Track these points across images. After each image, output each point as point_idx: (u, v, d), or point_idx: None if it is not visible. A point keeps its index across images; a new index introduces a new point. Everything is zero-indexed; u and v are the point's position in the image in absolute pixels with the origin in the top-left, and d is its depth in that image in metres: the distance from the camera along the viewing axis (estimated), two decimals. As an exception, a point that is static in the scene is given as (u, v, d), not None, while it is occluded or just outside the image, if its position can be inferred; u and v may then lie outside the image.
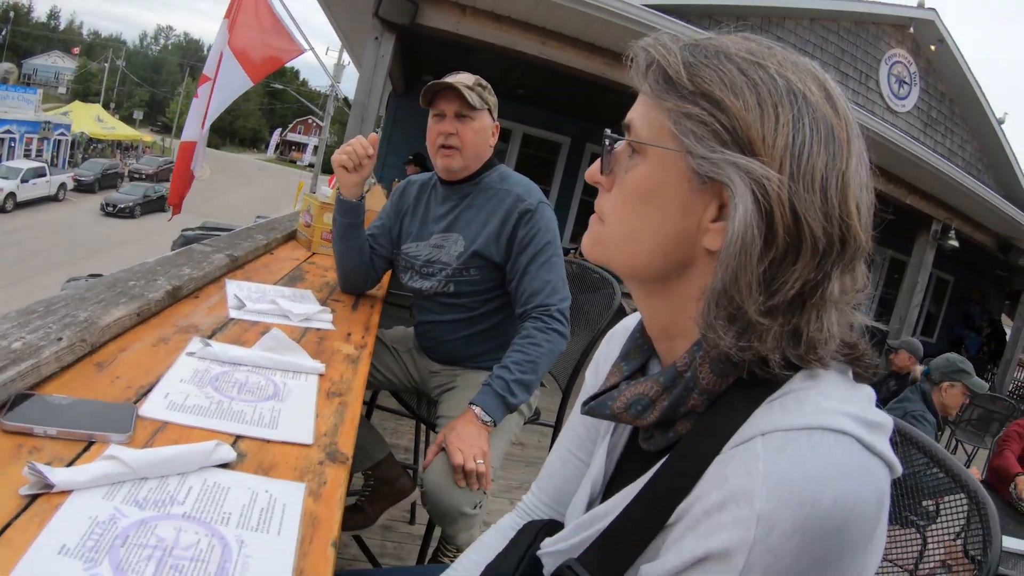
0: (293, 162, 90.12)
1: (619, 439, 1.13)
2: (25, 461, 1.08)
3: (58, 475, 1.04)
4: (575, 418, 1.28)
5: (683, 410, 0.92)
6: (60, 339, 1.49)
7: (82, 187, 39.18)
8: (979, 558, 1.29)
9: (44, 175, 34.93)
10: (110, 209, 35.29)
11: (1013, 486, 4.81)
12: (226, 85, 6.67)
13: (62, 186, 36.55)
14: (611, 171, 1.00)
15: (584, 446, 1.27)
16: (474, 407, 2.30)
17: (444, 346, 2.80)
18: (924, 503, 1.44)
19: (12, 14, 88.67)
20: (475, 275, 2.65)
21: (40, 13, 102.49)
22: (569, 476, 1.28)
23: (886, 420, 0.83)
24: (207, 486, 1.15)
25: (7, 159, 36.07)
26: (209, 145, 6.65)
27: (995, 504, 3.84)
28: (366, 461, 2.82)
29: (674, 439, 0.93)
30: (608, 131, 0.98)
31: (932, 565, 1.49)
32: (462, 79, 2.63)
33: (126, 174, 45.47)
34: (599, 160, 1.01)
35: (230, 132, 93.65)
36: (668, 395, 0.92)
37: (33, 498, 1.01)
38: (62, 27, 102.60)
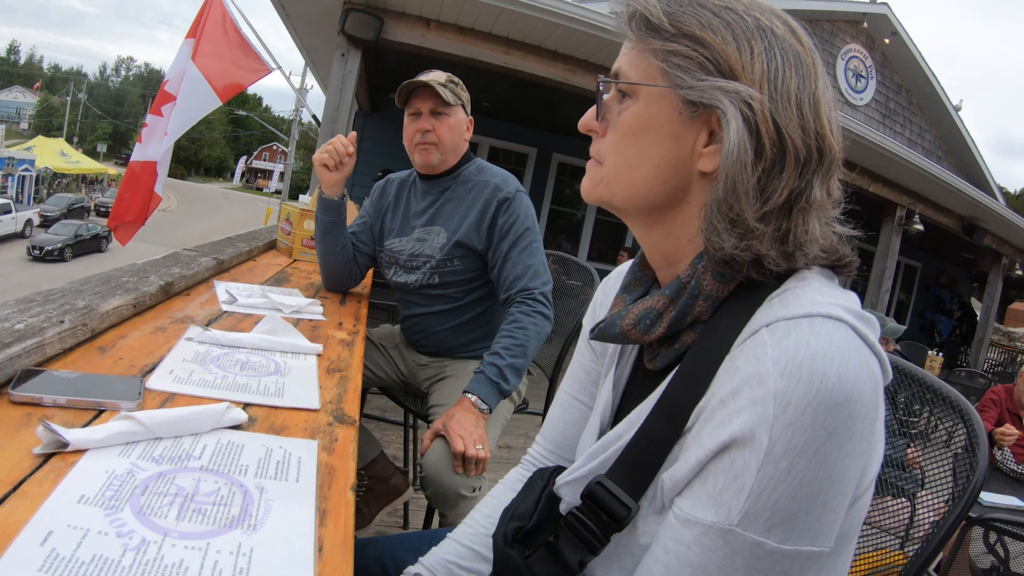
0: (259, 189, 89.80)
1: (623, 370, 1.18)
2: (35, 428, 1.10)
3: (73, 434, 1.06)
4: (575, 365, 1.35)
5: (689, 319, 0.98)
6: (62, 322, 1.52)
7: (48, 223, 38.70)
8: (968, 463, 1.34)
9: (9, 212, 34.49)
10: (37, 253, 30.00)
11: (997, 448, 4.89)
12: (191, 104, 6.63)
13: (28, 222, 36.11)
14: (604, 117, 1.05)
15: (586, 389, 1.32)
16: (470, 395, 2.32)
17: (432, 338, 2.82)
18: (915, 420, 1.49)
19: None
20: (458, 265, 2.68)
21: None
22: (571, 421, 1.34)
23: (873, 318, 0.89)
24: (221, 444, 1.18)
25: (-30, 197, 35.71)
26: (174, 175, 6.57)
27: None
28: (359, 460, 2.83)
29: (681, 350, 0.99)
30: (601, 76, 1.04)
31: (923, 533, 1.52)
32: (435, 77, 2.68)
33: (92, 208, 45.07)
34: (592, 109, 1.06)
35: (195, 162, 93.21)
36: (674, 306, 0.98)
37: (47, 457, 1.03)
38: (22, 62, 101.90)
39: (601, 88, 1.05)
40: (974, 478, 1.31)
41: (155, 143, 6.56)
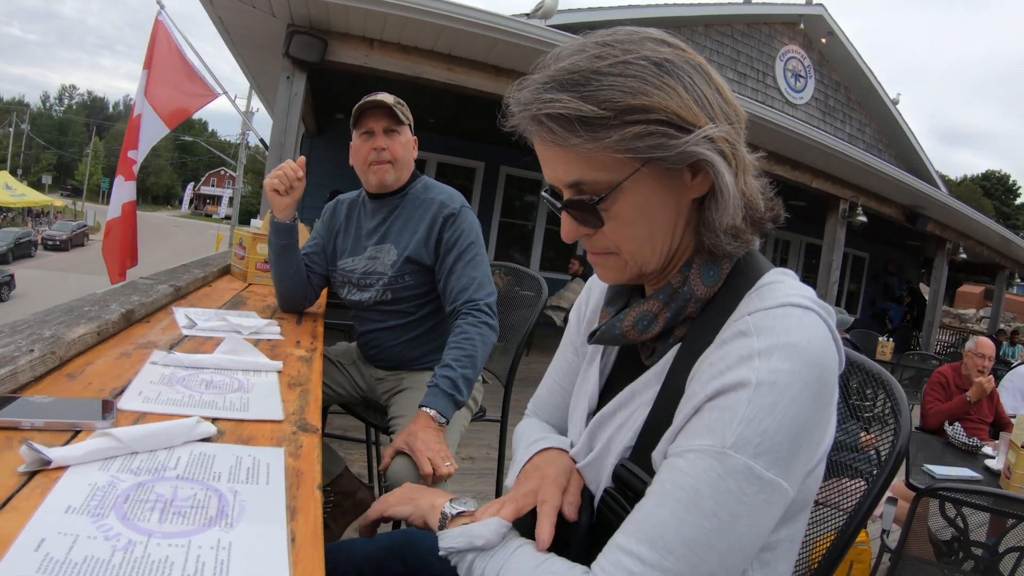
0: (209, 215, 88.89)
1: (607, 361, 1.37)
2: (16, 450, 1.16)
3: (54, 452, 1.13)
4: (560, 357, 1.56)
5: (681, 318, 1.16)
6: (32, 351, 1.59)
7: (-4, 259, 38.08)
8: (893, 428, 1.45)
9: (-46, 249, 33.96)
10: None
11: (953, 426, 5.06)
12: (145, 135, 6.67)
13: (-28, 259, 35.52)
14: (587, 221, 1.13)
15: (568, 377, 1.52)
16: (428, 410, 2.37)
17: (388, 352, 2.90)
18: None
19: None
20: (410, 281, 2.77)
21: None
22: (557, 404, 1.55)
23: (831, 309, 1.07)
24: (194, 455, 1.26)
25: (-87, 237, 35.01)
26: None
27: (936, 446, 4.04)
28: (324, 477, 2.88)
29: (674, 343, 1.17)
30: (568, 199, 1.12)
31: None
32: (385, 98, 2.75)
33: (40, 241, 44.38)
34: (568, 222, 1.16)
35: (142, 190, 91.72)
36: (668, 308, 1.16)
37: (32, 475, 1.10)
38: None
39: (565, 198, 1.13)
40: (898, 443, 1.41)
41: (132, 183, 6.63)
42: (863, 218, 12.17)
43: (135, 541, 0.94)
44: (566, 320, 7.83)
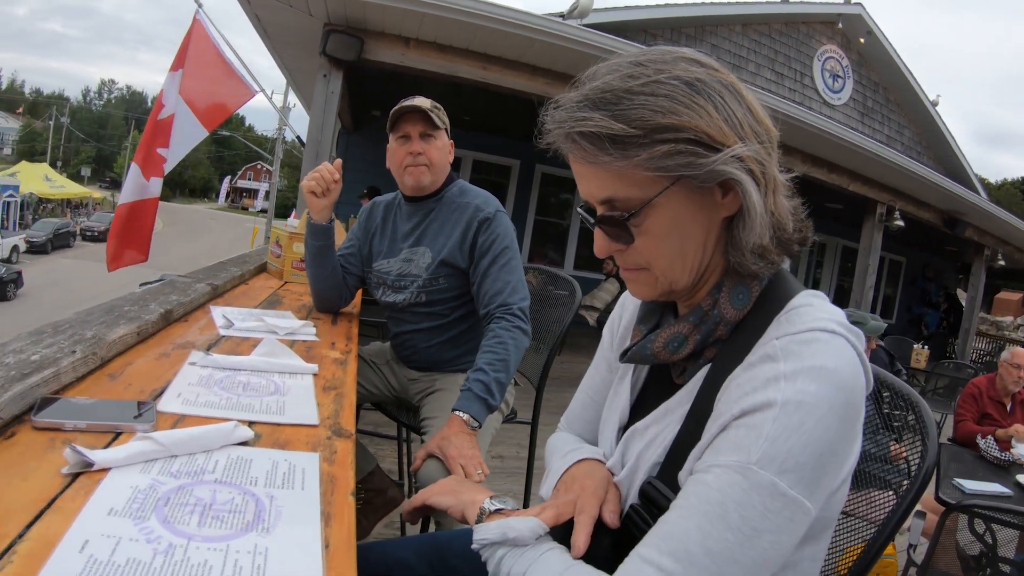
0: (245, 209, 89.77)
1: (638, 378, 1.40)
2: (59, 451, 1.20)
3: (97, 455, 1.17)
4: (594, 372, 1.60)
5: (711, 340, 1.18)
6: (74, 352, 1.63)
7: (35, 248, 38.65)
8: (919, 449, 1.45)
9: (-5, 238, 34.52)
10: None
11: (986, 439, 4.99)
12: (181, 137, 6.71)
13: (14, 248, 35.98)
14: (619, 237, 1.16)
15: (601, 392, 1.54)
16: (460, 414, 2.38)
17: (421, 353, 2.93)
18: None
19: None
20: (444, 284, 2.79)
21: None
22: (589, 418, 1.57)
23: (860, 332, 1.09)
24: (232, 459, 1.29)
25: (-44, 225, 35.60)
26: (159, 198, 6.55)
27: (968, 459, 4.00)
28: (356, 474, 2.93)
29: (704, 364, 1.19)
30: (601, 214, 1.15)
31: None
32: (421, 102, 2.78)
33: (78, 232, 44.99)
34: (601, 237, 1.19)
35: (179, 183, 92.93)
36: (699, 331, 1.18)
37: (75, 476, 1.13)
38: (3, 86, 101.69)
39: (597, 214, 1.16)
40: (924, 464, 1.40)
41: (158, 180, 6.63)
42: (900, 222, 12.05)
43: (175, 544, 0.97)
44: (598, 321, 7.86)
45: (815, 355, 1.00)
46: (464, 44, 7.75)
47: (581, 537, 1.18)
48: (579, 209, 1.23)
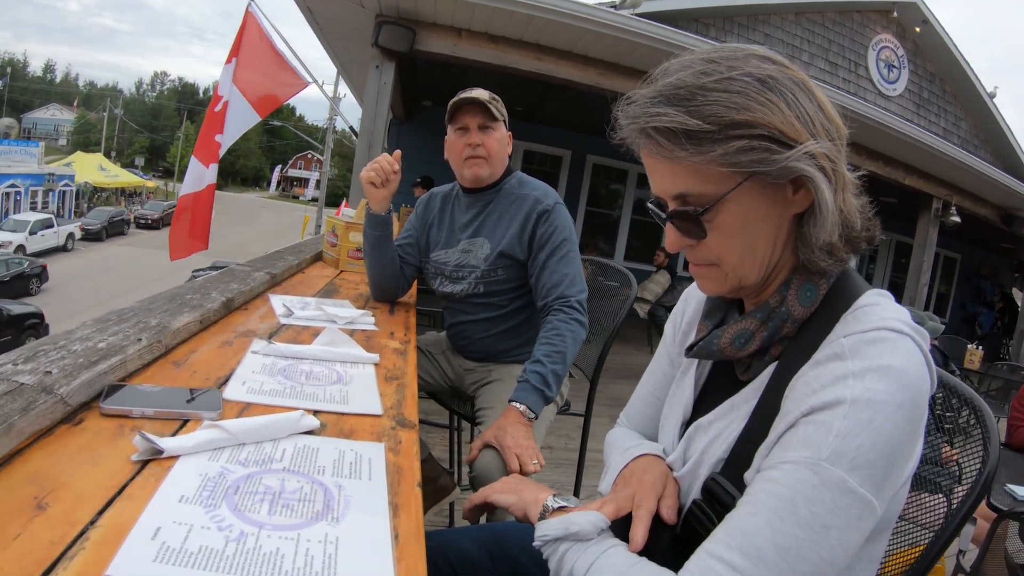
0: (296, 197, 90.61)
1: (702, 373, 1.39)
2: (128, 438, 1.22)
3: (166, 442, 1.18)
4: (656, 368, 1.58)
5: (778, 337, 1.18)
6: (140, 339, 1.66)
7: (90, 236, 39.49)
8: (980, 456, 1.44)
9: (52, 226, 35.37)
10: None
11: None
12: (234, 123, 6.81)
13: (70, 236, 36.84)
14: (691, 232, 1.16)
15: (661, 388, 1.54)
16: (517, 405, 2.38)
17: (478, 344, 2.93)
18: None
19: (9, 69, 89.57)
20: (502, 275, 2.79)
21: (36, 67, 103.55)
22: (650, 414, 1.57)
23: (926, 332, 1.08)
24: (299, 448, 1.30)
25: (14, 212, 36.61)
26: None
27: (1021, 464, 3.91)
28: None
29: (770, 361, 1.19)
30: (673, 210, 1.16)
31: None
32: (480, 94, 2.78)
33: (132, 220, 45.81)
34: (672, 232, 1.19)
35: (232, 172, 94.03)
36: (766, 327, 1.18)
37: (144, 463, 1.14)
38: (58, 80, 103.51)
39: (669, 209, 1.17)
40: (985, 470, 1.39)
41: (213, 165, 6.73)
42: (956, 218, 11.82)
43: (247, 532, 0.98)
44: (649, 313, 7.80)
45: (882, 354, 1.01)
46: (516, 35, 7.73)
47: (639, 531, 1.19)
48: (649, 204, 1.24)
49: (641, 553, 1.15)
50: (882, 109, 10.66)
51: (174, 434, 1.27)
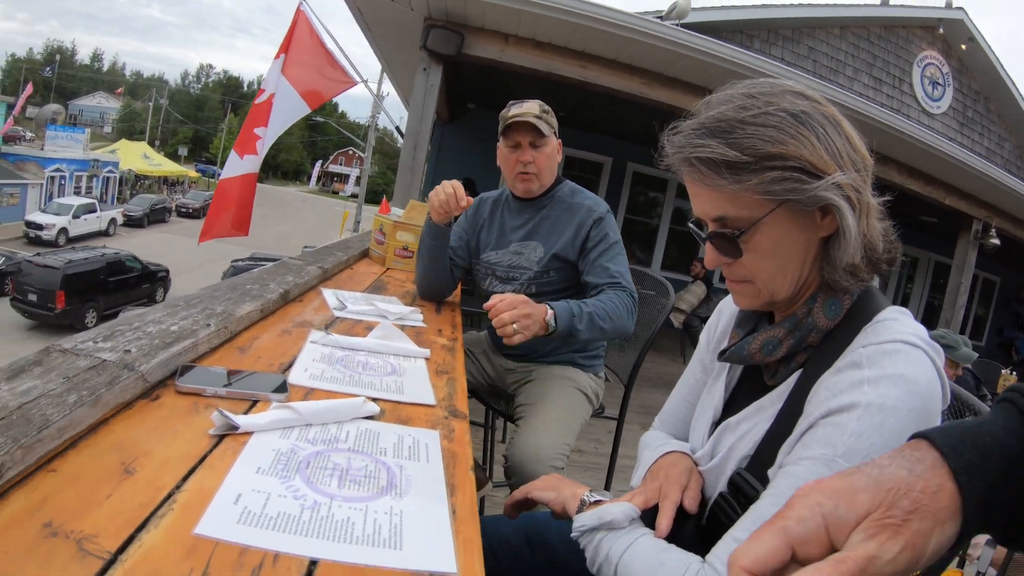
0: (335, 193, 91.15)
1: (732, 378, 1.50)
2: (202, 414, 1.33)
3: (241, 419, 1.29)
4: (689, 375, 1.68)
5: (803, 345, 1.28)
6: (208, 324, 1.77)
7: (132, 222, 40.06)
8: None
9: (95, 211, 35.99)
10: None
11: None
12: (282, 113, 6.94)
13: (112, 221, 37.38)
14: (728, 252, 1.27)
15: (695, 393, 1.63)
16: (549, 307, 2.48)
17: (523, 344, 3.01)
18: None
19: (58, 57, 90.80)
20: (554, 276, 2.90)
21: (84, 56, 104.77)
22: (683, 416, 1.65)
23: (939, 348, 1.17)
24: (361, 431, 1.40)
25: (58, 196, 37.39)
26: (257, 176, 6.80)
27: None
28: None
29: (795, 368, 1.29)
30: (712, 231, 1.27)
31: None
32: (530, 109, 2.90)
33: (174, 208, 46.36)
34: (711, 251, 1.30)
35: (273, 165, 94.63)
36: (792, 336, 1.28)
37: (220, 438, 1.25)
38: (105, 69, 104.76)
39: (709, 230, 1.28)
40: None
41: (254, 157, 6.85)
42: (996, 240, 11.65)
43: (320, 502, 1.08)
44: (684, 324, 7.83)
45: (896, 364, 1.10)
46: (563, 42, 7.80)
47: (664, 520, 1.29)
48: (691, 224, 1.35)
49: (667, 540, 1.26)
50: (925, 127, 10.61)
51: (245, 412, 1.38)
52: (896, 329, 1.17)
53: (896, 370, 1.09)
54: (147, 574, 0.83)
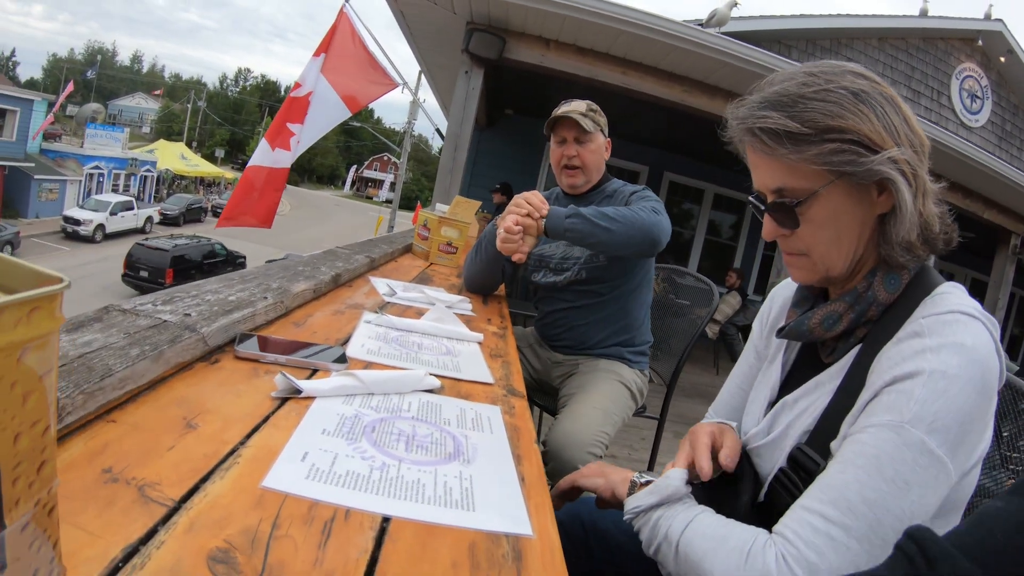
0: (370, 198, 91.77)
1: (789, 358, 1.50)
2: (264, 379, 1.34)
3: (305, 384, 1.30)
4: (743, 363, 1.68)
5: (863, 319, 1.28)
6: (266, 297, 1.79)
7: (168, 220, 40.52)
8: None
9: (131, 208, 36.39)
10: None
11: None
12: (321, 115, 6.97)
13: (148, 219, 37.83)
14: (785, 223, 1.29)
15: (748, 380, 1.64)
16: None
17: (572, 332, 3.04)
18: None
19: (99, 58, 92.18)
20: (604, 260, 2.91)
21: (124, 57, 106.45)
22: (736, 405, 1.65)
23: (996, 321, 1.17)
24: (423, 402, 1.41)
25: (96, 193, 38.02)
26: (289, 181, 6.80)
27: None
28: None
29: (855, 343, 1.29)
30: (772, 202, 1.29)
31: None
32: (576, 107, 2.96)
33: (209, 209, 46.82)
34: (769, 222, 1.32)
35: (308, 169, 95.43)
36: (853, 310, 1.29)
37: (283, 401, 1.26)
38: (144, 70, 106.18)
39: (767, 201, 1.30)
40: None
41: (287, 153, 6.85)
42: (1035, 257, 11.53)
43: (388, 464, 1.08)
44: (717, 333, 7.81)
45: (956, 333, 1.11)
46: (604, 48, 7.78)
47: (702, 460, 1.32)
48: (751, 198, 1.36)
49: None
50: (965, 140, 10.48)
51: (307, 379, 1.38)
52: (954, 301, 1.18)
53: (956, 339, 1.10)
54: (214, 521, 0.83)
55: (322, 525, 0.87)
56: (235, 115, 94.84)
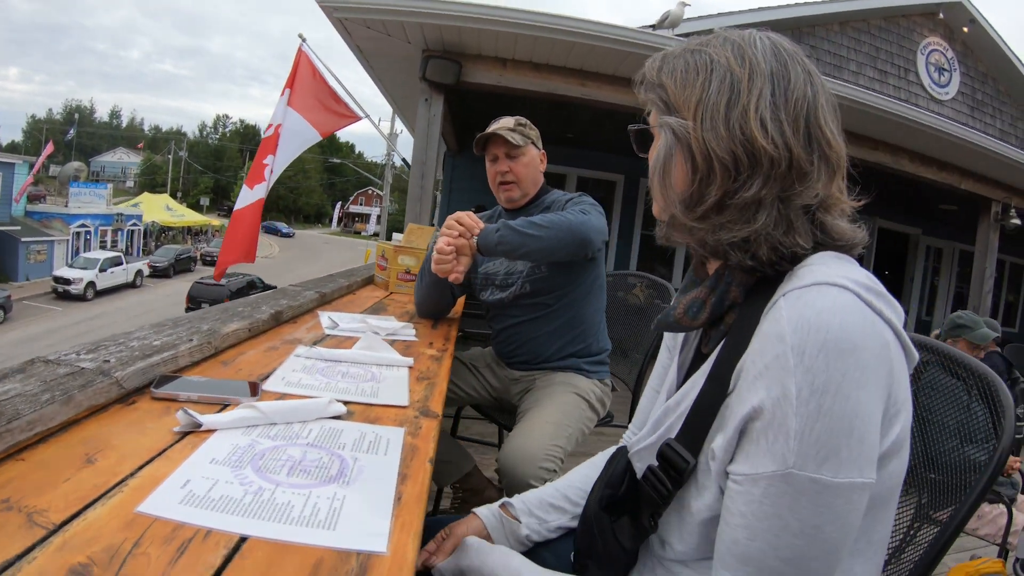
0: (358, 233, 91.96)
1: (686, 356, 1.41)
2: (174, 416, 1.39)
3: (206, 417, 1.35)
4: (657, 364, 1.60)
5: (727, 303, 1.22)
6: (191, 340, 1.85)
7: (158, 273, 40.69)
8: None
9: (121, 264, 36.69)
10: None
11: None
12: (291, 142, 7.05)
13: (138, 273, 38.03)
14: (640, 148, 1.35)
15: (662, 381, 1.54)
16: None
17: (525, 347, 3.06)
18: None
19: (77, 116, 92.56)
20: (545, 271, 2.94)
21: (102, 113, 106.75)
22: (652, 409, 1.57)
23: (886, 294, 1.07)
24: (325, 429, 1.45)
25: (84, 251, 38.28)
26: (277, 223, 6.90)
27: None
28: (455, 474, 3.11)
29: (725, 331, 1.23)
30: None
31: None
32: (504, 124, 3.02)
33: (199, 257, 46.93)
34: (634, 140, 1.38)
35: (294, 210, 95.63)
36: (713, 294, 1.23)
37: (184, 435, 1.32)
38: (124, 124, 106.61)
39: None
40: (999, 446, 1.33)
41: (262, 184, 6.96)
42: (1017, 220, 11.49)
43: (264, 488, 1.13)
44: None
45: (820, 313, 1.00)
46: (560, 61, 7.88)
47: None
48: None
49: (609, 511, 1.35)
50: (935, 114, 10.50)
51: (216, 413, 1.43)
52: (820, 272, 1.06)
53: (819, 322, 0.99)
54: (83, 542, 0.90)
55: (179, 544, 0.92)
56: (217, 162, 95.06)
